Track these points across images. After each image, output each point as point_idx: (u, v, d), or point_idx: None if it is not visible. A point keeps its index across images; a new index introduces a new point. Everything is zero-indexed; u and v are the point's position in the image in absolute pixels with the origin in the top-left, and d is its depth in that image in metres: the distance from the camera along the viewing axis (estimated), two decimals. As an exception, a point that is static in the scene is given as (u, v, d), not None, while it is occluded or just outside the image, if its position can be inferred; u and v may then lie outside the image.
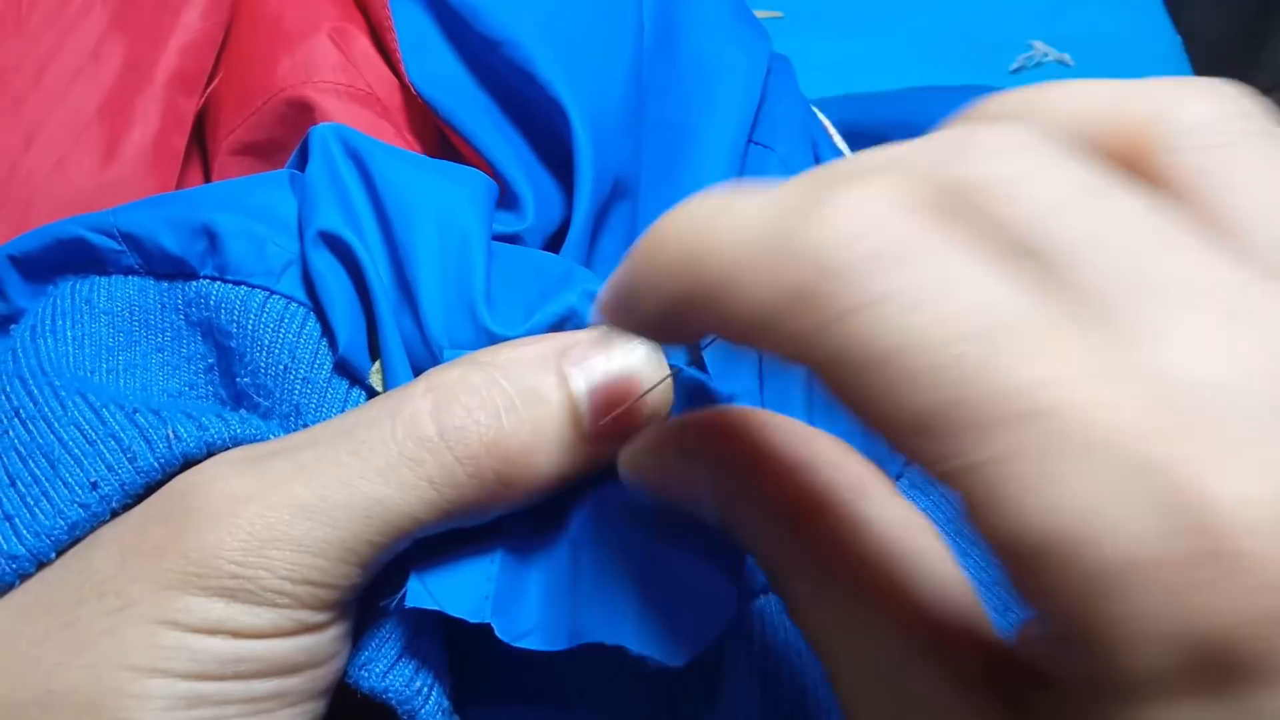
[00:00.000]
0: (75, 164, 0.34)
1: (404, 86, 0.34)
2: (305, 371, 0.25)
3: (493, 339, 0.24)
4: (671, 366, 0.23)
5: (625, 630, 0.22)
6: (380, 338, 0.25)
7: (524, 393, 0.22)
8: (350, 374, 0.25)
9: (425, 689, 0.23)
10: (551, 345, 0.23)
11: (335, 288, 0.25)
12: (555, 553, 0.23)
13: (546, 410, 0.22)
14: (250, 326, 0.25)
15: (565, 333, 0.24)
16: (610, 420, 0.22)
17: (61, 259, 0.27)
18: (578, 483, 0.23)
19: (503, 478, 0.22)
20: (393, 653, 0.23)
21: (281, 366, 0.25)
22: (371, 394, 0.25)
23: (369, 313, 0.25)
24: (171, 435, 0.23)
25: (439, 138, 0.34)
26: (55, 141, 0.34)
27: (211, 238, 0.25)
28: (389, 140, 0.33)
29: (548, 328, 0.24)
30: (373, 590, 0.23)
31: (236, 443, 0.23)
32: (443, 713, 0.23)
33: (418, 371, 0.24)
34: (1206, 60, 0.61)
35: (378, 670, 0.23)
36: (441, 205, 0.25)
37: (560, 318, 0.24)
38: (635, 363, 0.23)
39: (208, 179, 0.37)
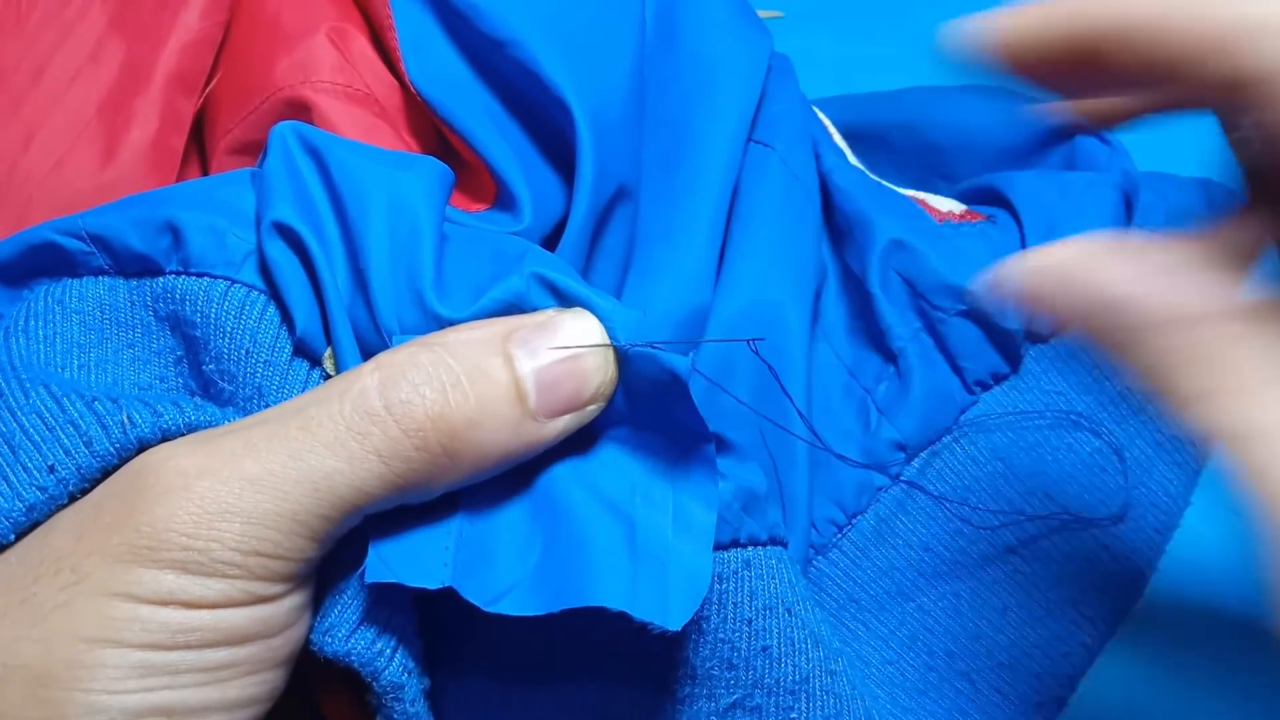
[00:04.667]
0: (74, 164, 0.34)
1: (403, 87, 0.34)
2: (267, 355, 0.25)
3: (441, 323, 0.25)
4: (615, 347, 0.24)
5: (606, 591, 0.22)
6: (330, 323, 0.26)
7: (471, 371, 0.23)
8: (310, 356, 0.26)
9: (388, 651, 0.23)
10: (498, 328, 0.24)
11: (289, 274, 0.26)
12: (518, 515, 0.24)
13: (492, 388, 0.23)
14: (213, 315, 0.26)
15: (513, 316, 0.24)
16: (555, 400, 0.23)
17: (36, 264, 0.27)
18: (529, 461, 0.24)
19: (449, 451, 0.22)
20: (355, 617, 0.23)
21: (244, 351, 0.25)
22: (325, 378, 0.26)
23: (322, 299, 0.26)
24: (127, 421, 0.23)
25: (437, 138, 0.34)
26: (54, 142, 0.34)
27: (175, 234, 0.26)
28: (387, 141, 0.33)
29: (495, 312, 0.25)
30: (337, 565, 0.24)
31: (192, 429, 0.24)
32: (408, 673, 0.24)
33: (370, 357, 0.24)
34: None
35: (340, 635, 0.23)
36: (393, 194, 0.26)
37: (507, 303, 0.25)
38: (580, 343, 0.24)
39: (206, 179, 0.37)
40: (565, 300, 0.25)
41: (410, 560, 0.23)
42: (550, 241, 0.31)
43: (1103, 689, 0.35)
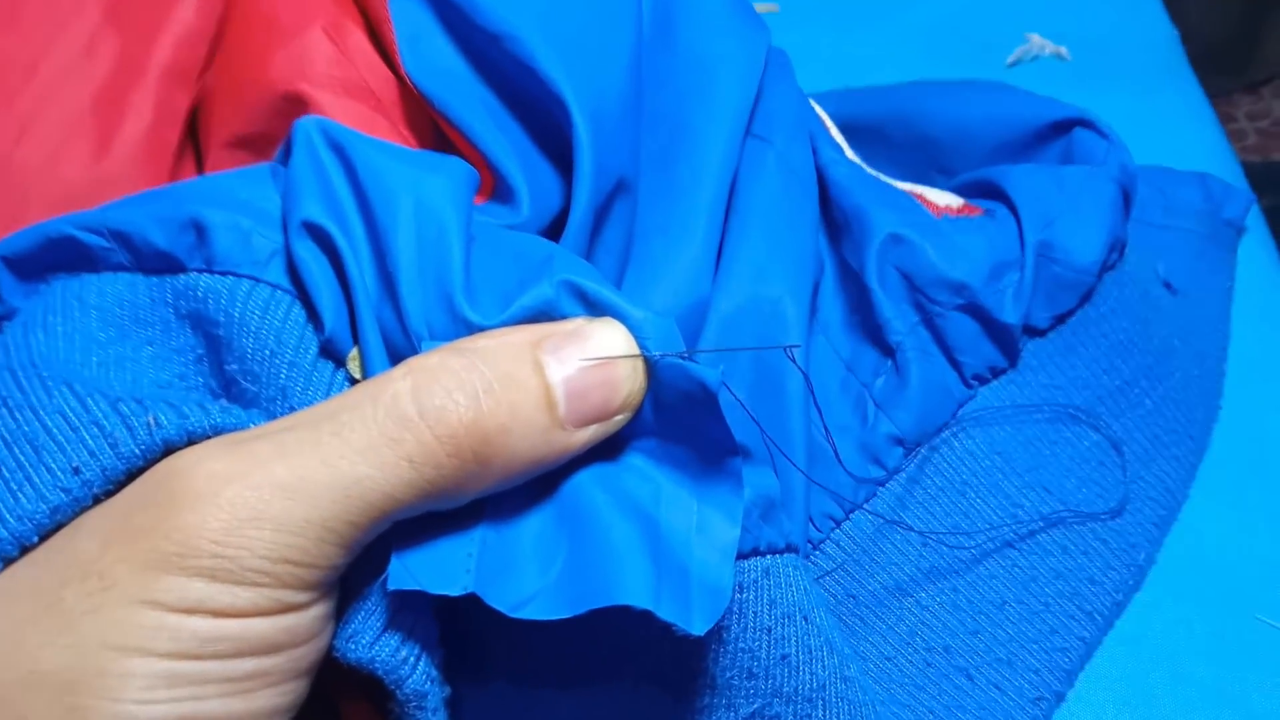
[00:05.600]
0: (69, 158, 0.34)
1: (399, 81, 0.34)
2: (291, 355, 0.25)
3: (471, 329, 0.24)
4: (646, 356, 0.24)
5: (631, 591, 0.22)
6: (358, 325, 0.25)
7: (502, 378, 0.22)
8: (335, 357, 0.26)
9: (412, 658, 0.23)
10: (528, 335, 0.23)
11: (319, 274, 0.26)
12: (542, 521, 0.24)
13: (523, 395, 0.22)
14: (237, 314, 0.25)
15: (543, 324, 0.24)
16: (583, 409, 0.23)
17: (54, 258, 0.27)
18: (554, 469, 0.24)
19: (480, 458, 0.22)
20: (379, 624, 0.23)
21: (268, 351, 0.25)
22: (349, 380, 0.26)
23: (350, 300, 0.26)
24: (153, 422, 0.23)
25: (434, 132, 0.34)
26: (48, 136, 0.34)
27: (199, 231, 0.26)
28: (384, 135, 0.32)
29: (524, 319, 0.25)
30: (359, 572, 0.23)
31: (217, 431, 0.24)
32: (430, 681, 0.23)
33: (397, 362, 0.24)
34: (1202, 55, 0.61)
35: (364, 641, 0.23)
36: (419, 196, 0.26)
37: (537, 310, 0.25)
38: (610, 353, 0.23)
39: (201, 173, 0.37)
40: (595, 308, 0.24)
41: (433, 567, 0.23)
42: (548, 235, 0.31)
43: (1101, 685, 0.35)
